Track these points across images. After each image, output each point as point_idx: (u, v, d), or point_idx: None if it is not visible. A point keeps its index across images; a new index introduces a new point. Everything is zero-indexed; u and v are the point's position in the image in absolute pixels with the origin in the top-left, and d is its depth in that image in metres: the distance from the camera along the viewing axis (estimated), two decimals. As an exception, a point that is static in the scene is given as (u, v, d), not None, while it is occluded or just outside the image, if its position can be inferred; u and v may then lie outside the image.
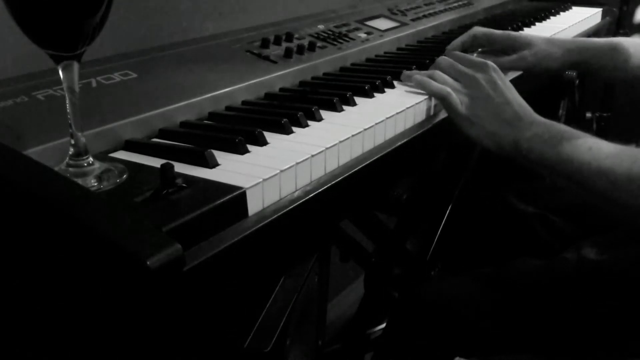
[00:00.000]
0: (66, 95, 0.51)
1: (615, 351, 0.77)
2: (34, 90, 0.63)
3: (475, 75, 0.78)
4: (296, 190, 0.57)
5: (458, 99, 0.77)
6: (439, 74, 0.80)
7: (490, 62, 0.79)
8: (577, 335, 0.78)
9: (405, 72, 0.86)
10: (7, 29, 0.50)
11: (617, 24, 1.71)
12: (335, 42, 0.97)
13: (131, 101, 0.66)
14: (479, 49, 1.03)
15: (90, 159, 0.53)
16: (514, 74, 0.98)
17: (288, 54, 0.87)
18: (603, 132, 1.87)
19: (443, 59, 0.83)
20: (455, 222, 1.21)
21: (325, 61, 0.91)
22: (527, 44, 0.96)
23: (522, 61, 0.96)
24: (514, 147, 0.73)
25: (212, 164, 0.56)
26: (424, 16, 1.22)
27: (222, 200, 0.49)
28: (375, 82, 0.82)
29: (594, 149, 0.68)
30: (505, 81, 0.78)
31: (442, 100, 0.78)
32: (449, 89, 0.77)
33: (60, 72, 0.50)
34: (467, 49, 1.00)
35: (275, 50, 0.88)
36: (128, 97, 0.67)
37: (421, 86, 0.80)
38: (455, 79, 0.79)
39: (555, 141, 0.70)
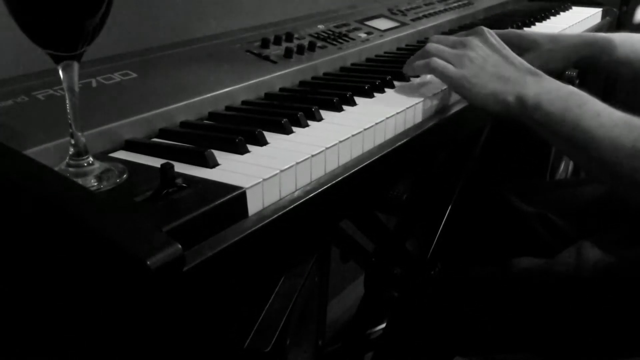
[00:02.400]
0: (66, 95, 0.51)
1: (615, 351, 0.77)
2: (34, 90, 0.63)
3: (470, 39, 0.76)
4: (296, 190, 0.57)
5: (445, 63, 0.75)
6: (430, 44, 0.79)
7: (484, 27, 0.77)
8: (577, 335, 0.78)
9: (404, 66, 0.84)
10: (7, 29, 0.50)
11: (617, 24, 1.71)
12: (335, 42, 0.97)
13: (131, 101, 0.66)
14: None
15: (90, 159, 0.53)
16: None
17: (288, 54, 0.87)
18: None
19: (434, 36, 0.82)
20: (456, 222, 1.21)
21: (325, 61, 0.91)
22: (532, 42, 0.95)
23: None
24: (519, 104, 0.70)
25: (212, 163, 0.56)
26: (424, 16, 1.22)
27: (222, 200, 0.49)
28: (375, 82, 0.82)
29: (603, 115, 0.65)
30: (501, 42, 0.76)
31: (432, 72, 0.77)
32: (432, 58, 0.76)
33: (60, 72, 0.50)
34: None
35: (275, 50, 0.88)
36: (128, 97, 0.67)
37: (412, 69, 0.80)
38: (453, 48, 0.78)
39: (562, 101, 0.67)
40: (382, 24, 1.11)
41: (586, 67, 1.11)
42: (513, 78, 0.72)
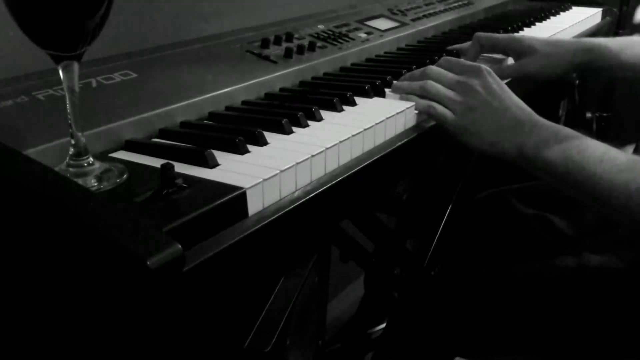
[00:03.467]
0: (66, 95, 0.51)
1: (615, 352, 0.77)
2: (34, 90, 0.63)
3: (468, 82, 0.74)
4: (296, 190, 0.57)
5: (445, 111, 0.74)
6: (430, 84, 0.76)
7: (483, 66, 0.76)
8: (577, 335, 0.78)
9: (396, 83, 0.81)
10: (7, 29, 0.50)
11: (617, 24, 1.71)
12: (335, 42, 0.97)
13: (131, 101, 0.66)
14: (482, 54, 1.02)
15: (90, 159, 0.53)
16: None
17: (288, 54, 0.87)
18: (603, 132, 1.87)
19: (431, 69, 0.78)
20: (455, 223, 1.21)
21: (325, 61, 0.91)
22: (530, 47, 0.95)
23: (523, 70, 0.95)
24: (519, 154, 0.70)
25: (212, 164, 0.56)
26: (424, 16, 1.22)
27: (222, 200, 0.49)
28: (375, 82, 0.82)
29: (606, 161, 0.64)
30: (501, 85, 0.75)
31: (430, 117, 0.75)
32: (432, 104, 0.74)
33: (60, 72, 0.50)
34: (474, 56, 0.99)
35: (275, 50, 0.88)
36: (128, 97, 0.67)
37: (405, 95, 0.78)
38: (450, 88, 0.75)
39: (562, 149, 0.66)
40: (382, 24, 1.11)
41: (585, 72, 1.11)
42: (511, 127, 0.71)
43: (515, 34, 1.14)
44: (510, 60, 1.01)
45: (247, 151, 0.60)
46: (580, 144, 0.66)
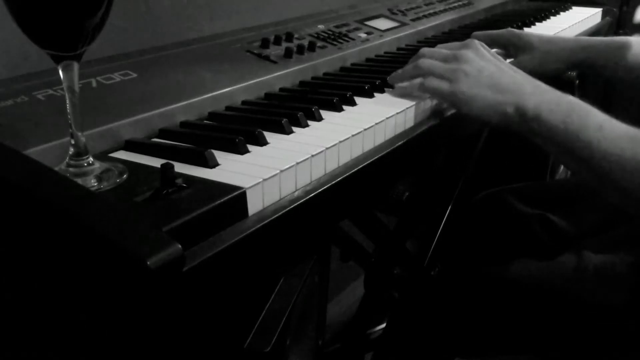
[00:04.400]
0: (66, 95, 0.51)
1: (615, 352, 0.77)
2: (34, 90, 0.63)
3: (461, 52, 0.74)
4: (296, 190, 0.57)
5: (440, 82, 0.73)
6: (422, 60, 0.76)
7: (475, 40, 0.76)
8: (577, 336, 0.78)
9: (392, 75, 0.82)
10: (7, 29, 0.50)
11: (617, 24, 1.71)
12: (335, 42, 0.97)
13: (131, 101, 0.66)
14: None
15: (90, 159, 0.53)
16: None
17: (288, 54, 0.87)
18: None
19: (424, 49, 0.79)
20: (455, 223, 1.21)
21: (325, 61, 0.91)
22: (528, 43, 0.95)
23: (520, 66, 0.95)
24: (518, 114, 0.68)
25: (212, 163, 0.56)
26: (424, 16, 1.22)
27: (222, 200, 0.49)
28: (376, 82, 0.82)
29: (605, 128, 0.63)
30: (495, 54, 0.75)
31: (426, 92, 0.75)
32: (425, 79, 0.74)
33: (60, 72, 0.50)
34: None
35: (275, 50, 0.88)
36: (128, 97, 0.67)
37: (403, 89, 0.79)
38: (444, 62, 0.75)
39: (563, 111, 0.65)
40: (382, 24, 1.11)
41: (584, 71, 1.11)
42: (511, 88, 0.70)
43: (515, 30, 1.14)
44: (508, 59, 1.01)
45: (247, 151, 0.60)
46: (582, 109, 0.66)
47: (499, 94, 0.70)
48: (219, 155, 0.57)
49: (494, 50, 1.01)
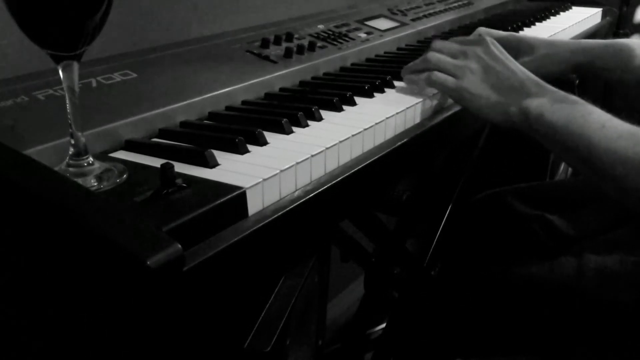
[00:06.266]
0: (66, 95, 0.51)
1: (615, 352, 0.77)
2: (34, 90, 0.63)
3: (471, 49, 0.75)
4: (296, 190, 0.57)
5: (446, 77, 0.74)
6: (431, 54, 0.78)
7: (487, 37, 0.76)
8: (577, 336, 0.78)
9: (404, 68, 0.84)
10: (7, 29, 0.50)
11: (617, 24, 1.71)
12: (335, 42, 0.97)
13: (131, 101, 0.66)
14: None
15: (90, 159, 0.53)
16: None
17: (288, 54, 0.87)
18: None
19: (435, 43, 0.80)
20: (455, 223, 1.21)
21: (325, 61, 0.91)
22: (529, 46, 0.95)
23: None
24: (522, 114, 0.69)
25: (212, 163, 0.56)
26: (424, 16, 1.22)
27: (222, 200, 0.49)
28: (375, 82, 0.82)
29: (608, 127, 0.63)
30: (505, 53, 0.75)
31: (432, 85, 0.76)
32: (432, 72, 0.75)
33: (60, 72, 0.50)
34: None
35: (275, 50, 0.88)
36: (128, 97, 0.67)
37: (410, 80, 0.80)
38: (453, 57, 0.76)
39: (566, 111, 0.66)
40: (382, 24, 1.11)
41: (584, 73, 1.11)
42: (515, 88, 0.71)
43: (516, 33, 1.14)
44: None
45: (247, 151, 0.60)
46: (585, 109, 0.66)
47: (502, 94, 0.71)
48: (219, 155, 0.57)
49: None
